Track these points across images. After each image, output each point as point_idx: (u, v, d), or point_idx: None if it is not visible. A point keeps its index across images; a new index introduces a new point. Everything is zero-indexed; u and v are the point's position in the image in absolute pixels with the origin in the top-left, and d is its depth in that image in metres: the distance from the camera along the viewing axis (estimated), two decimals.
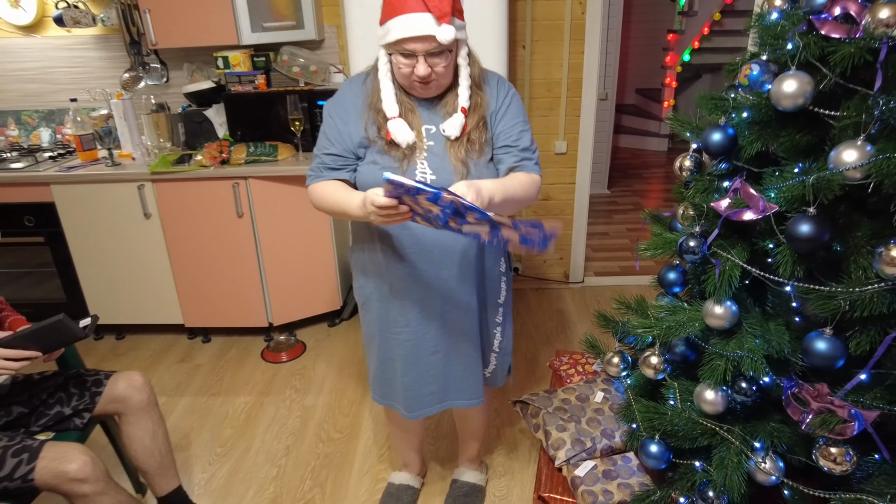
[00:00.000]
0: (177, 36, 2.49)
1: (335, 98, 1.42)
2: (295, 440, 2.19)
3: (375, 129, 1.35)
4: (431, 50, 1.23)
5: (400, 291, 1.46)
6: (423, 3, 1.19)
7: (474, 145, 1.35)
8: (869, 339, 1.09)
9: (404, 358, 1.52)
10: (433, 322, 1.49)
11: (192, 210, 2.54)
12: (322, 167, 1.40)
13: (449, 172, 1.34)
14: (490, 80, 1.41)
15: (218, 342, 2.84)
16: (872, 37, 1.03)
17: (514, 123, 1.39)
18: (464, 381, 1.57)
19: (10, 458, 1.39)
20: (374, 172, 1.35)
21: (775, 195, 1.19)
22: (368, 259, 1.50)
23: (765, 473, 1.26)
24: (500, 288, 1.57)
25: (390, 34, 1.23)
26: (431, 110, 1.37)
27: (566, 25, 2.73)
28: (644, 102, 6.30)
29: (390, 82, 1.33)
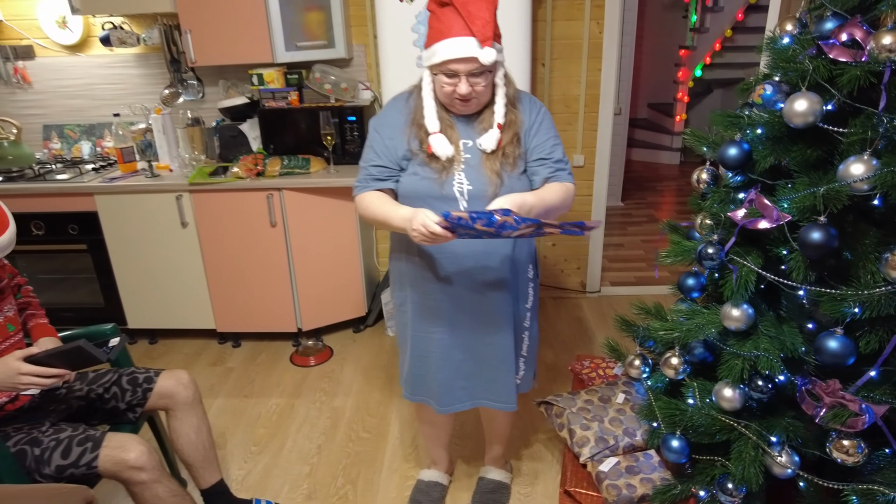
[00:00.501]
0: (215, 54, 2.64)
1: (381, 115, 1.55)
2: (326, 440, 2.29)
3: (417, 143, 1.47)
4: (473, 70, 1.35)
5: (435, 295, 1.57)
6: (469, 28, 1.31)
7: (508, 158, 1.46)
8: (878, 339, 1.18)
9: (438, 355, 1.63)
10: (466, 323, 1.59)
11: (228, 219, 2.67)
12: (369, 178, 1.52)
13: (484, 183, 1.45)
14: (523, 99, 1.53)
15: (248, 347, 2.96)
16: (877, 61, 1.13)
17: (546, 138, 1.50)
18: (495, 382, 1.66)
19: (76, 446, 1.50)
20: (415, 183, 1.47)
21: (788, 205, 1.28)
22: (406, 266, 1.61)
23: (781, 466, 1.34)
24: (528, 293, 1.67)
25: (436, 56, 1.36)
26: (469, 126, 1.48)
27: (584, 44, 2.85)
28: (656, 117, 6.40)
29: (432, 100, 1.45)
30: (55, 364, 1.46)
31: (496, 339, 1.62)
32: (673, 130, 5.99)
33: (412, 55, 2.22)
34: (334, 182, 2.59)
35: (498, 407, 1.69)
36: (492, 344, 1.62)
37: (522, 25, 2.23)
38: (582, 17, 2.81)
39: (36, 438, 1.52)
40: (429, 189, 1.46)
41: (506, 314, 1.61)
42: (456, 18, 1.32)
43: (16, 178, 2.74)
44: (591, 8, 2.79)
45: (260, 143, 2.79)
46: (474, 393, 1.68)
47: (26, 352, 1.45)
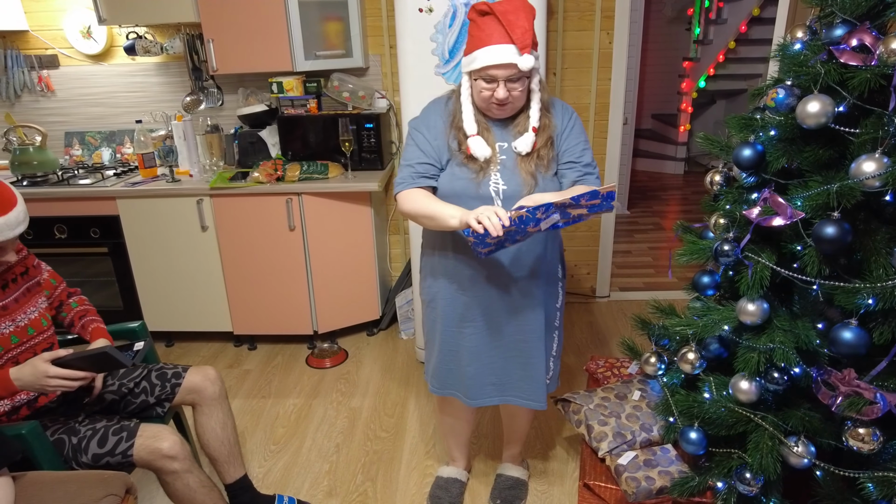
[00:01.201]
0: (236, 63, 2.71)
1: (421, 117, 1.62)
2: (344, 438, 2.33)
3: (456, 145, 1.54)
4: (511, 76, 1.42)
5: (468, 290, 1.63)
6: (508, 35, 1.39)
7: (542, 161, 1.52)
8: (891, 330, 1.24)
9: (469, 350, 1.67)
10: (497, 319, 1.64)
11: (247, 223, 2.73)
12: (415, 175, 1.55)
13: (519, 184, 1.51)
14: (556, 104, 1.59)
15: (264, 349, 3.00)
16: (886, 64, 1.20)
17: (577, 143, 1.56)
18: (524, 380, 1.70)
19: (112, 436, 1.55)
20: (453, 183, 1.54)
21: (801, 203, 1.34)
22: (439, 261, 1.66)
23: (797, 457, 1.39)
24: (557, 292, 1.72)
25: (476, 62, 1.43)
26: (505, 129, 1.55)
27: (594, 54, 2.93)
28: (661, 127, 6.49)
29: (471, 105, 1.52)
30: (82, 367, 1.50)
31: (528, 337, 1.66)
32: (677, 141, 6.06)
33: (431, 64, 2.29)
34: (352, 187, 2.65)
35: (528, 405, 1.73)
36: (524, 341, 1.67)
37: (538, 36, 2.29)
38: (592, 28, 2.89)
39: (73, 428, 1.57)
40: (465, 188, 1.52)
41: (538, 312, 1.66)
42: (496, 26, 1.40)
43: (40, 183, 2.80)
44: (602, 19, 2.87)
45: (279, 149, 2.86)
46: (504, 390, 1.71)
47: (53, 354, 1.49)
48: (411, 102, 2.35)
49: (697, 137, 1.78)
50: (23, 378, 1.46)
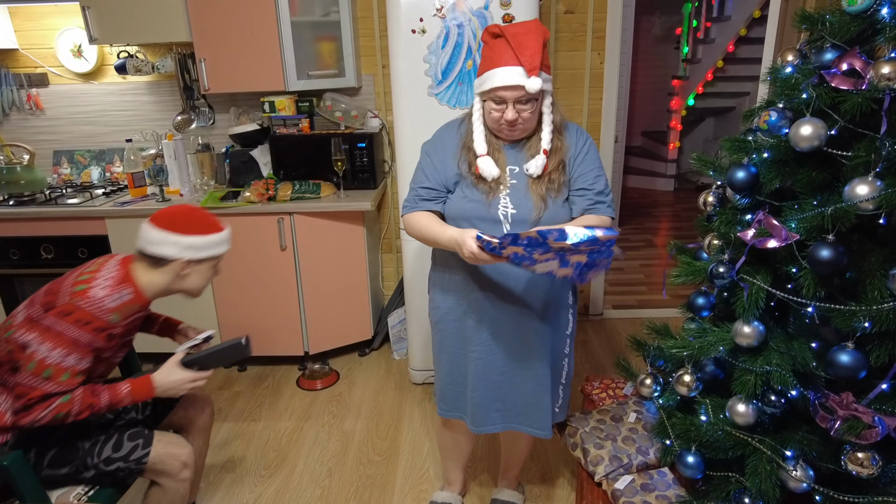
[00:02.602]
0: (228, 82, 2.71)
1: (433, 139, 1.62)
2: (336, 462, 2.29)
3: (467, 166, 1.53)
4: (520, 98, 1.42)
5: (476, 311, 1.61)
6: (517, 58, 1.39)
7: (554, 184, 1.51)
8: (887, 352, 1.23)
9: (475, 374, 1.65)
10: (504, 344, 1.62)
11: (238, 243, 2.70)
12: (417, 199, 1.58)
13: (529, 208, 1.50)
14: (570, 127, 1.58)
15: (253, 371, 2.96)
16: (877, 88, 1.21)
17: (591, 168, 1.55)
18: (531, 407, 1.67)
19: (127, 440, 1.56)
20: (463, 205, 1.53)
21: (796, 225, 1.34)
22: (448, 280, 1.65)
23: (796, 481, 1.37)
24: (568, 319, 1.70)
25: (486, 83, 1.44)
26: (517, 152, 1.54)
27: (586, 74, 2.95)
28: (651, 144, 6.54)
29: (482, 126, 1.52)
30: (211, 364, 1.58)
31: (535, 364, 1.64)
32: (667, 158, 6.11)
33: (424, 84, 2.29)
34: (344, 206, 2.64)
35: (533, 433, 1.70)
36: (531, 368, 1.64)
37: None
38: (584, 49, 2.91)
39: (86, 432, 1.57)
40: (475, 210, 1.51)
41: (545, 340, 1.64)
42: (506, 49, 1.40)
43: (27, 203, 2.77)
44: (593, 40, 2.89)
45: (270, 168, 2.84)
46: (510, 416, 1.69)
47: (180, 356, 1.57)
48: (404, 122, 2.35)
49: (691, 158, 1.79)
50: (164, 384, 1.52)
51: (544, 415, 1.67)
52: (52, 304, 1.42)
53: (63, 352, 1.39)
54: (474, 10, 2.22)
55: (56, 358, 1.38)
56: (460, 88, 2.30)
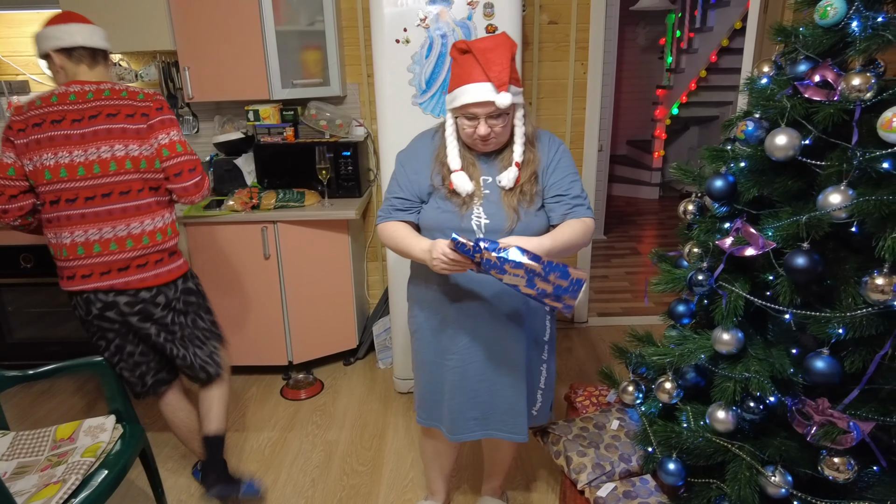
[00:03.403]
0: (212, 91, 2.70)
1: (408, 150, 1.62)
2: (320, 473, 2.27)
3: (440, 179, 1.54)
4: (491, 113, 1.43)
5: (452, 323, 1.61)
6: (485, 74, 1.40)
7: (526, 196, 1.52)
8: (861, 358, 1.25)
9: (452, 383, 1.65)
10: (481, 352, 1.62)
11: (221, 252, 2.69)
12: (391, 209, 1.59)
13: (502, 218, 1.51)
14: (542, 137, 1.59)
15: (237, 381, 2.93)
16: (848, 100, 1.23)
17: (564, 175, 1.55)
18: (507, 414, 1.67)
19: (208, 340, 2.00)
20: (437, 215, 1.54)
21: (773, 233, 1.36)
22: (424, 292, 1.65)
23: (775, 486, 1.38)
24: (545, 325, 1.71)
25: (457, 100, 1.44)
26: (490, 163, 1.55)
27: (569, 84, 2.98)
28: (636, 153, 6.61)
29: (455, 140, 1.52)
30: None
31: (512, 371, 1.64)
32: (652, 166, 6.18)
33: (408, 93, 2.31)
34: (329, 215, 2.64)
35: (510, 438, 1.70)
36: (508, 375, 1.64)
37: None
38: (567, 59, 2.94)
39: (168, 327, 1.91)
40: (449, 221, 1.52)
41: (521, 346, 1.64)
42: (475, 65, 1.41)
43: None
44: (576, 50, 2.93)
45: (254, 177, 2.83)
46: (487, 423, 1.69)
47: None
48: (389, 131, 2.36)
49: (671, 167, 1.81)
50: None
51: (521, 420, 1.68)
52: None
53: None
54: (458, 21, 2.24)
55: None
56: (444, 98, 2.31)
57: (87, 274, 1.76)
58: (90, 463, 1.58)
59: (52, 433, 1.74)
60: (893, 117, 1.14)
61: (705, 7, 5.64)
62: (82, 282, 1.77)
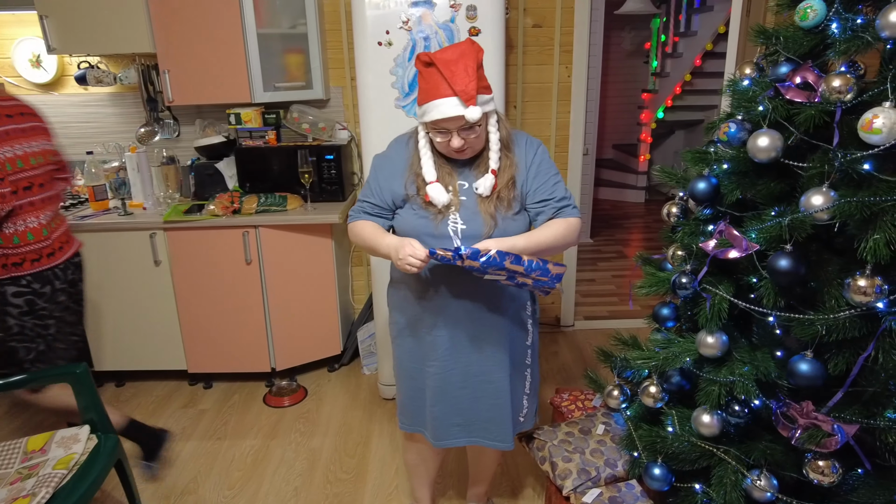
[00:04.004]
0: (193, 94, 2.66)
1: (383, 155, 1.59)
2: (303, 481, 2.23)
3: (415, 189, 1.51)
4: (463, 126, 1.40)
5: (432, 329, 1.58)
6: (452, 89, 1.36)
7: (503, 202, 1.49)
8: (844, 361, 1.24)
9: (434, 389, 1.62)
10: (462, 359, 1.59)
11: (202, 257, 2.64)
12: (361, 211, 1.58)
13: (479, 224, 1.48)
14: (518, 140, 1.55)
15: (220, 388, 2.88)
16: (829, 101, 1.23)
17: (547, 178, 1.53)
18: (491, 421, 1.65)
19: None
20: (413, 221, 1.51)
21: (756, 236, 1.35)
22: (404, 297, 1.62)
23: (760, 490, 1.37)
24: (527, 330, 1.68)
25: (426, 115, 1.41)
26: (466, 169, 1.52)
27: (554, 87, 2.98)
28: (622, 157, 6.63)
29: (429, 150, 1.50)
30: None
31: (494, 378, 1.62)
32: (637, 170, 6.21)
33: (391, 96, 2.28)
34: (311, 219, 2.60)
35: (495, 446, 1.67)
36: (490, 382, 1.62)
37: (496, 70, 2.32)
38: (552, 63, 2.94)
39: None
40: (425, 227, 1.49)
41: (504, 353, 1.61)
42: (440, 80, 1.37)
43: None
44: (561, 53, 2.92)
45: (236, 181, 2.79)
46: (471, 430, 1.66)
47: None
48: (372, 134, 2.33)
49: (654, 170, 1.80)
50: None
51: (505, 427, 1.65)
52: None
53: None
54: (440, 24, 2.22)
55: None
56: None
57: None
58: (62, 475, 1.53)
59: (22, 445, 1.69)
60: (873, 118, 1.13)
61: (689, 12, 5.69)
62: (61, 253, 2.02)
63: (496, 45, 2.28)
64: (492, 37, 2.26)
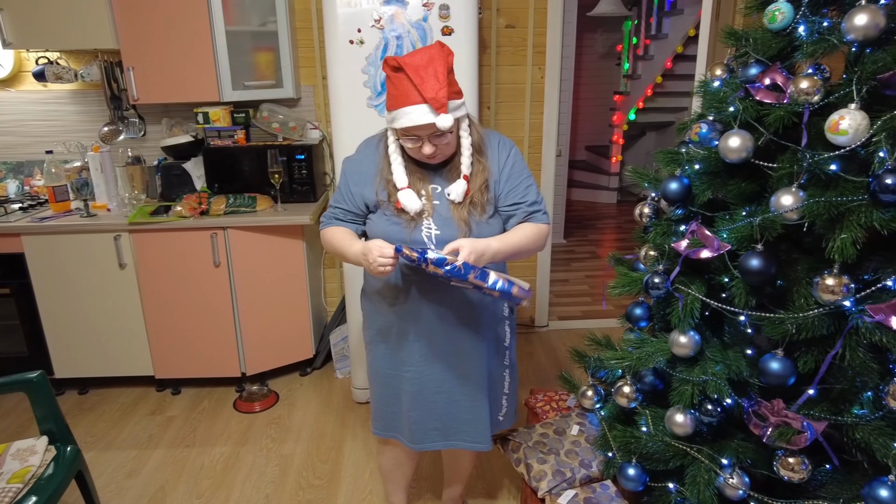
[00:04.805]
0: (159, 92, 2.59)
1: (353, 158, 1.55)
2: (275, 488, 2.18)
3: (386, 195, 1.47)
4: (434, 133, 1.36)
5: (408, 332, 1.55)
6: (422, 97, 1.32)
7: (477, 206, 1.47)
8: (814, 359, 1.25)
9: (410, 394, 1.59)
10: (438, 363, 1.57)
11: (169, 260, 2.57)
12: (332, 216, 1.55)
13: (453, 229, 1.45)
14: (491, 142, 1.52)
15: (189, 394, 2.81)
16: (797, 103, 1.24)
17: (519, 181, 1.50)
18: (468, 423, 1.63)
19: None
20: (385, 227, 1.47)
21: (727, 235, 1.36)
22: (378, 302, 1.59)
23: (733, 488, 1.38)
24: (504, 332, 1.66)
25: (396, 122, 1.37)
26: (439, 173, 1.49)
27: (527, 88, 2.98)
28: (594, 158, 6.70)
29: (399, 156, 1.46)
30: None
31: (471, 381, 1.60)
32: (610, 171, 6.27)
33: (363, 95, 2.25)
34: (282, 220, 2.55)
35: (473, 448, 1.65)
36: (467, 385, 1.60)
37: (469, 70, 2.31)
38: (525, 63, 2.94)
39: None
40: (398, 233, 1.46)
41: (481, 355, 1.59)
42: (409, 86, 1.33)
43: None
44: (534, 54, 2.93)
45: (204, 182, 2.73)
46: (449, 434, 1.64)
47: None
48: (344, 134, 2.30)
49: (626, 171, 1.81)
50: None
51: (483, 429, 1.64)
52: None
53: None
54: (413, 22, 2.20)
55: None
56: None
57: None
58: (17, 489, 1.46)
59: None
60: (840, 120, 1.15)
61: (660, 14, 5.77)
62: None
63: (469, 45, 2.26)
64: (465, 36, 2.24)
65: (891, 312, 1.11)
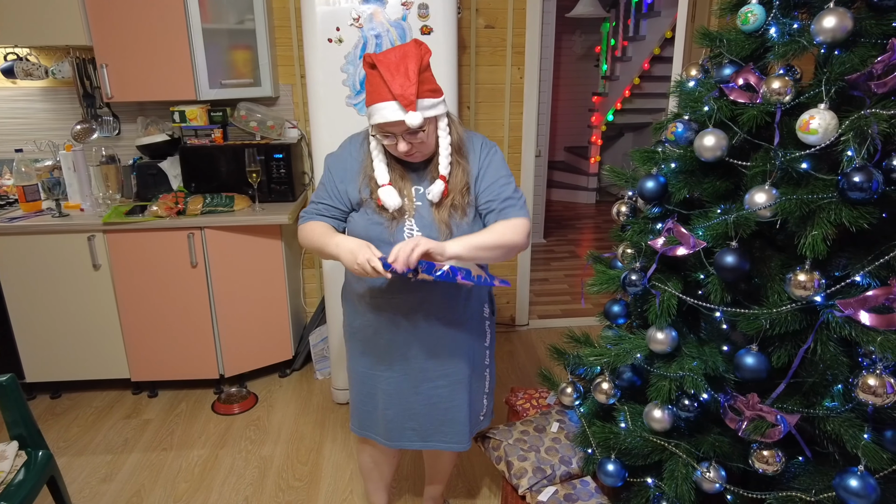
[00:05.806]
0: (134, 90, 2.54)
1: (337, 154, 1.54)
2: (254, 490, 2.16)
3: (368, 192, 1.46)
4: (406, 130, 1.35)
5: (387, 331, 1.55)
6: (390, 93, 1.31)
7: (457, 209, 1.46)
8: (787, 353, 1.28)
9: (387, 393, 1.59)
10: (415, 364, 1.57)
11: (145, 261, 2.53)
12: (315, 212, 1.53)
13: (434, 232, 1.45)
14: (473, 143, 1.51)
15: (166, 396, 2.77)
16: (769, 102, 1.27)
17: (495, 179, 1.49)
18: (446, 424, 1.63)
19: None
20: (367, 227, 1.47)
21: (703, 233, 1.38)
22: (358, 299, 1.58)
23: (710, 482, 1.40)
24: (485, 331, 1.67)
25: (371, 118, 1.37)
26: (421, 173, 1.49)
27: (507, 89, 2.99)
28: (573, 159, 6.75)
29: (381, 153, 1.45)
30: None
31: (450, 382, 1.59)
32: (589, 172, 6.32)
33: (342, 94, 2.24)
34: (260, 220, 2.53)
35: (451, 448, 1.65)
36: (446, 387, 1.59)
37: (448, 70, 2.31)
38: (504, 64, 2.95)
39: None
40: (380, 234, 1.45)
41: (462, 357, 1.59)
42: (381, 82, 1.32)
43: None
44: (513, 55, 2.94)
45: (181, 181, 2.69)
46: (426, 436, 1.63)
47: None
48: (323, 133, 2.29)
49: (604, 170, 1.82)
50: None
51: (461, 429, 1.64)
52: None
53: None
54: (392, 21, 2.19)
55: None
56: None
57: None
58: None
59: None
60: (810, 119, 1.17)
61: (638, 16, 5.84)
62: None
63: (448, 44, 2.27)
64: (444, 36, 2.25)
65: (859, 307, 1.14)
